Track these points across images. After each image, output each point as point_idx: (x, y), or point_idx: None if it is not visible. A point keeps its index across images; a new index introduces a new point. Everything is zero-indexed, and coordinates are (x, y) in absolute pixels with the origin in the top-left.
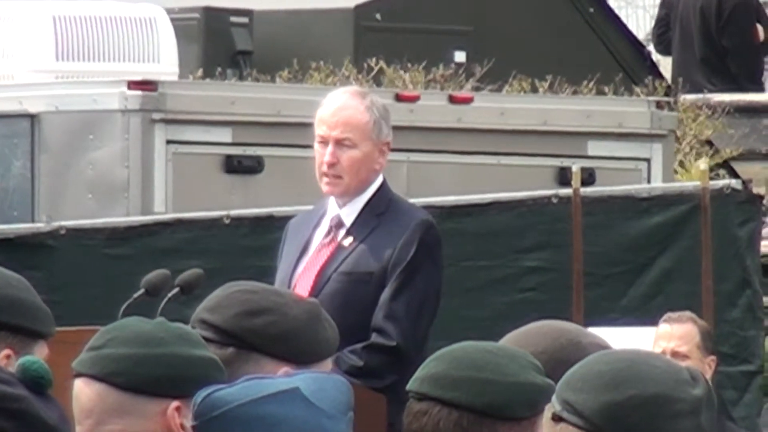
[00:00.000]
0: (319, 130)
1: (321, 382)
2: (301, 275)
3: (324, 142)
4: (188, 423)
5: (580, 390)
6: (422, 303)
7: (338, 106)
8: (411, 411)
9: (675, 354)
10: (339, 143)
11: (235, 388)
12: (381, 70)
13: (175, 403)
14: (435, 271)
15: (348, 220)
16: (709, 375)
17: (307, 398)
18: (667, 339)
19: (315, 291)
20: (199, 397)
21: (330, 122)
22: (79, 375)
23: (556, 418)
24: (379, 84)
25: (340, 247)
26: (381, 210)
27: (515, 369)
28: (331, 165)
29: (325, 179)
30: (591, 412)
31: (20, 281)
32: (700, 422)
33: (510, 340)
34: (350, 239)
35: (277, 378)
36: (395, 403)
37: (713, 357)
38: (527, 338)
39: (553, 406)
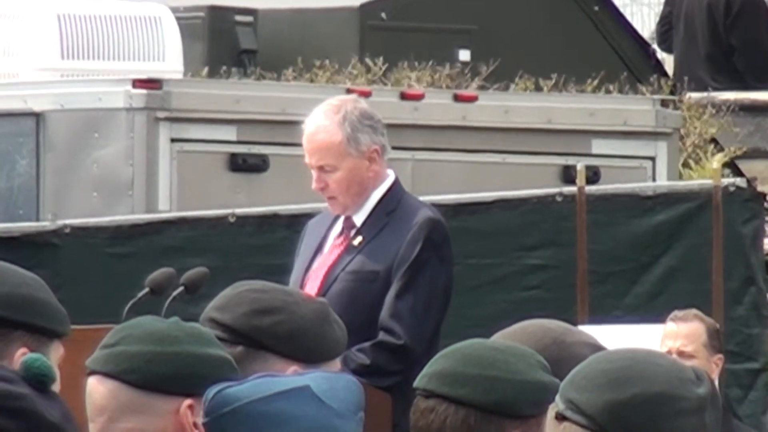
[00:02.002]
0: (306, 155)
1: (332, 382)
2: (311, 274)
3: (312, 167)
4: (201, 421)
5: (583, 389)
6: (429, 301)
7: (311, 131)
8: (418, 408)
9: (681, 353)
10: (321, 169)
11: (245, 385)
12: (386, 69)
13: (188, 401)
14: (442, 268)
15: (359, 220)
16: (715, 374)
17: (318, 397)
18: (673, 338)
19: (323, 290)
20: (209, 393)
21: (308, 150)
22: (92, 373)
23: (560, 417)
24: (384, 83)
25: (350, 247)
26: (391, 208)
27: (523, 367)
28: (321, 190)
29: (327, 200)
30: (594, 411)
31: (36, 280)
32: (704, 421)
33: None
34: (360, 238)
35: (288, 376)
36: (401, 402)
37: (720, 355)
38: (512, 339)
39: (557, 405)
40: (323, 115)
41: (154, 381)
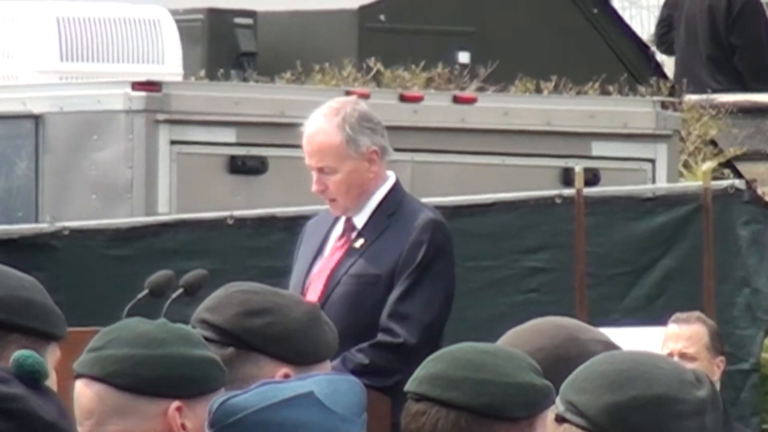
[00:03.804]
0: (306, 157)
1: (335, 385)
2: (313, 277)
3: (312, 169)
4: (189, 423)
5: (583, 390)
6: (430, 302)
7: (311, 132)
8: (409, 411)
9: (683, 355)
10: (321, 171)
11: (250, 393)
12: (383, 71)
13: (176, 404)
14: (446, 269)
15: (360, 223)
16: (717, 376)
17: (322, 402)
18: (674, 340)
19: (326, 293)
20: (215, 404)
21: (307, 151)
22: (79, 376)
23: (560, 419)
24: (381, 85)
25: (351, 249)
26: (392, 210)
27: (513, 370)
28: (321, 192)
29: (328, 202)
30: (594, 413)
31: (33, 283)
32: (705, 423)
33: (509, 337)
34: (361, 241)
35: (291, 382)
36: (400, 403)
37: (722, 358)
38: (526, 336)
39: (557, 406)
40: (323, 117)
41: (141, 384)
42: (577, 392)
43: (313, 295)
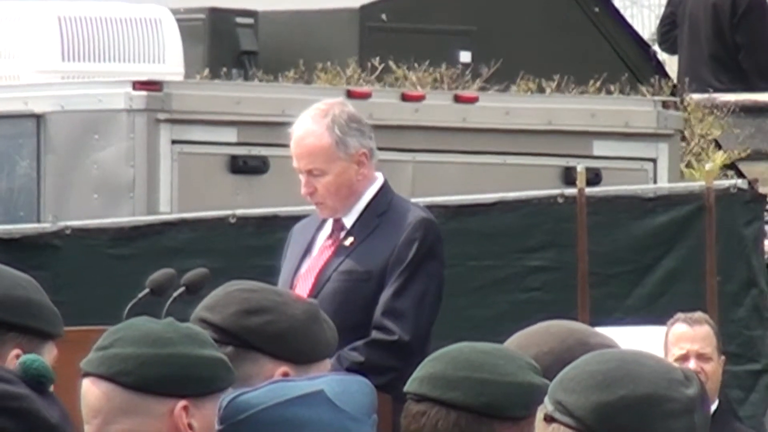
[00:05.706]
0: (294, 160)
1: (345, 385)
2: (302, 276)
3: (300, 172)
4: (196, 423)
5: (572, 390)
6: (422, 299)
7: (300, 135)
8: (409, 412)
9: (700, 356)
10: (310, 173)
11: (260, 391)
12: (386, 70)
13: (182, 403)
14: (437, 268)
15: (349, 222)
16: (719, 374)
17: (332, 401)
18: (690, 341)
19: (315, 291)
20: (224, 401)
21: (296, 154)
22: (86, 374)
23: (548, 419)
24: (381, 82)
25: (341, 248)
26: (381, 210)
27: (513, 369)
28: (310, 194)
29: (315, 205)
30: (583, 413)
31: (30, 282)
32: (694, 422)
33: (518, 338)
34: (351, 239)
35: (302, 380)
36: (401, 402)
37: (723, 357)
38: (535, 337)
39: (546, 406)
40: (311, 120)
41: (148, 383)
42: (565, 392)
43: (300, 293)
